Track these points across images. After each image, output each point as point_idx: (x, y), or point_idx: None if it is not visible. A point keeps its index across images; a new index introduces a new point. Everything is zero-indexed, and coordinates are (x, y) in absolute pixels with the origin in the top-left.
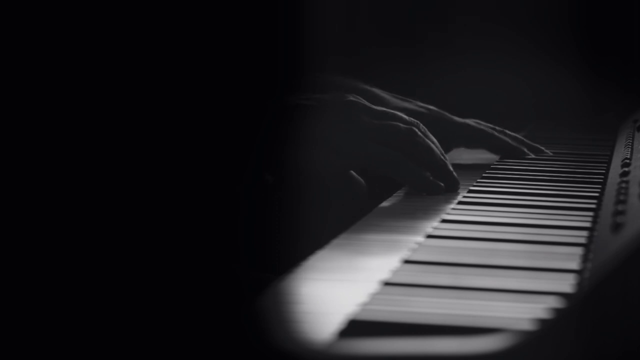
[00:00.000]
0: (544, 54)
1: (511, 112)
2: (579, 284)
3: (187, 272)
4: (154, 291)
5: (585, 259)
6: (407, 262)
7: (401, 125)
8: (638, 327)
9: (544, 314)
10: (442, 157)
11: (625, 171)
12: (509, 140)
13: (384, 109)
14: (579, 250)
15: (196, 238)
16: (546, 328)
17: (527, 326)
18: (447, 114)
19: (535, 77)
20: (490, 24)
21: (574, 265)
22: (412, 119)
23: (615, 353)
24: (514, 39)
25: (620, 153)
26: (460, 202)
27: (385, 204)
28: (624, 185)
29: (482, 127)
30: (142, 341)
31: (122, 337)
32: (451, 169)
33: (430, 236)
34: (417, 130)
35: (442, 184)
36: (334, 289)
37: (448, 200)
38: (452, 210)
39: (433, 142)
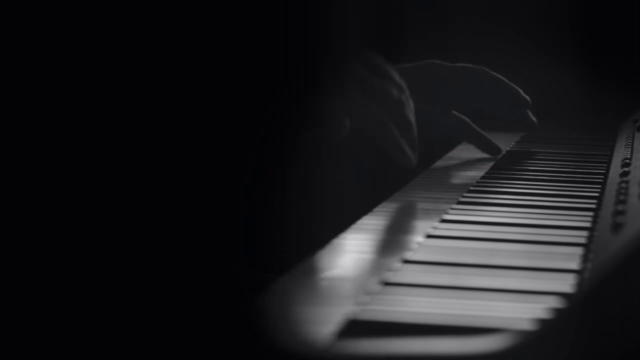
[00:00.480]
0: (544, 54)
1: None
2: (579, 284)
3: (187, 272)
4: (154, 291)
5: (585, 259)
6: (407, 262)
7: (394, 92)
8: (638, 327)
9: (544, 314)
10: (416, 134)
11: (625, 171)
12: (501, 76)
13: (379, 62)
14: (579, 250)
15: (196, 238)
16: (546, 328)
17: (527, 326)
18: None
19: (535, 77)
20: (490, 24)
21: (574, 265)
22: (402, 82)
23: (615, 353)
24: (514, 39)
25: (620, 153)
26: (460, 202)
27: (385, 204)
28: (624, 185)
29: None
30: (142, 341)
31: (122, 337)
32: (417, 145)
33: (430, 236)
34: (405, 102)
35: (412, 159)
36: (334, 289)
37: (448, 200)
38: (452, 210)
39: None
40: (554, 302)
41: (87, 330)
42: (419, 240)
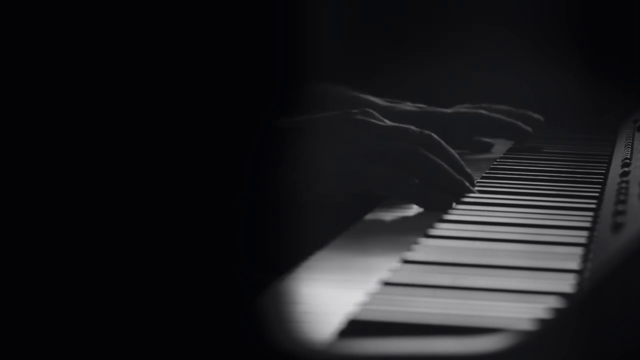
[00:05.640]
0: (544, 54)
1: None
2: (579, 284)
3: (187, 273)
4: (154, 291)
5: (585, 259)
6: (407, 262)
7: (403, 146)
8: (638, 327)
9: (544, 314)
10: (450, 171)
11: (625, 171)
12: (502, 117)
13: (393, 124)
14: (579, 250)
15: (196, 239)
16: (546, 328)
17: (527, 326)
18: (437, 108)
19: (535, 77)
20: (489, 24)
21: (574, 265)
22: (423, 131)
23: (615, 353)
24: (514, 39)
25: (620, 153)
26: (460, 202)
27: (384, 204)
28: (624, 185)
29: (471, 110)
30: (142, 341)
31: (122, 337)
32: (460, 178)
33: (430, 236)
34: (421, 148)
35: (451, 198)
36: (334, 289)
37: None
38: (452, 210)
39: (447, 154)
40: (554, 302)
41: (87, 330)
42: (419, 240)
